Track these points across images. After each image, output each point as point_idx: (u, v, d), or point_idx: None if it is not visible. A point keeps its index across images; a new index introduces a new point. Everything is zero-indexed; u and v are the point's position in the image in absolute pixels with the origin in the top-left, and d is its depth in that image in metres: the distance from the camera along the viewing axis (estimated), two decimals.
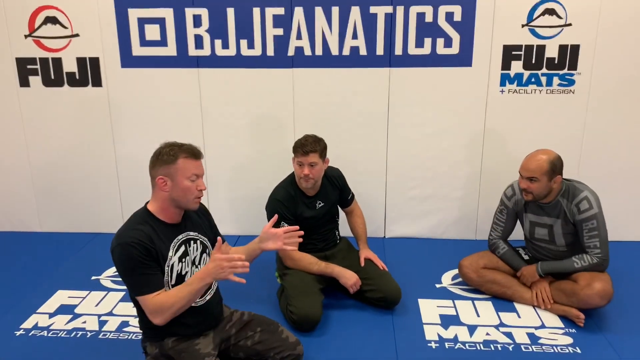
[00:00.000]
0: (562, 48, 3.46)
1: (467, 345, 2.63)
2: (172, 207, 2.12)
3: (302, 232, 2.28)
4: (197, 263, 2.21)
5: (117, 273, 3.29)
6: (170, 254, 2.10)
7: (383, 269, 3.01)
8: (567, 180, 2.89)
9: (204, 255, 2.25)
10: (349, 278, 2.86)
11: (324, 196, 3.05)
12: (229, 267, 1.94)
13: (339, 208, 3.24)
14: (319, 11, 3.47)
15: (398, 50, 3.52)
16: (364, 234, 3.19)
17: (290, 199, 2.96)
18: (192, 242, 2.20)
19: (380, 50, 3.53)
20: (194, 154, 2.12)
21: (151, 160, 2.11)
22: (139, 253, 1.99)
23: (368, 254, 3.10)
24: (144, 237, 2.02)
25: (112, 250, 2.03)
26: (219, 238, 2.03)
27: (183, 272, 2.13)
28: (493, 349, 2.60)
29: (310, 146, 2.82)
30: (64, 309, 2.97)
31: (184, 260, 2.14)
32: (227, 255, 1.98)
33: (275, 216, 2.32)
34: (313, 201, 3.01)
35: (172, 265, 2.09)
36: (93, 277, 3.34)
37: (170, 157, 2.07)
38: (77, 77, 3.69)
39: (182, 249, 2.15)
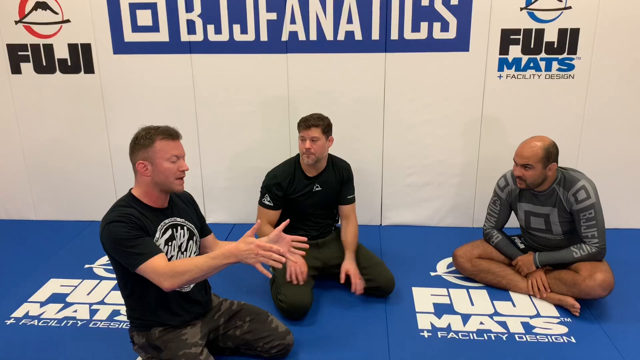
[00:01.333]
0: (562, 32, 3.39)
1: (460, 334, 2.60)
2: (156, 191, 2.10)
3: (307, 246, 2.15)
4: (183, 249, 2.18)
5: (109, 262, 3.33)
6: (157, 235, 2.07)
7: (354, 290, 2.83)
8: (563, 169, 2.83)
9: (191, 242, 2.22)
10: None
11: (323, 181, 3.00)
12: (262, 256, 1.87)
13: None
14: None
15: (394, 35, 3.45)
16: (352, 244, 2.98)
17: (287, 175, 2.96)
18: (179, 227, 2.18)
19: (375, 35, 3.46)
20: (170, 134, 2.08)
21: (130, 146, 2.09)
22: (129, 226, 1.96)
23: (350, 268, 2.86)
24: (131, 214, 2.00)
25: (100, 234, 2.01)
26: (258, 220, 2.06)
27: (169, 256, 2.10)
28: (486, 338, 2.57)
29: (313, 121, 2.83)
30: (56, 298, 2.96)
31: (170, 244, 2.12)
32: (265, 243, 1.90)
33: (287, 221, 2.18)
34: (311, 183, 2.98)
35: (159, 246, 2.06)
36: (86, 266, 3.32)
37: (147, 140, 2.04)
38: (69, 63, 3.65)
39: (169, 232, 2.13)
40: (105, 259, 3.37)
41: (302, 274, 2.70)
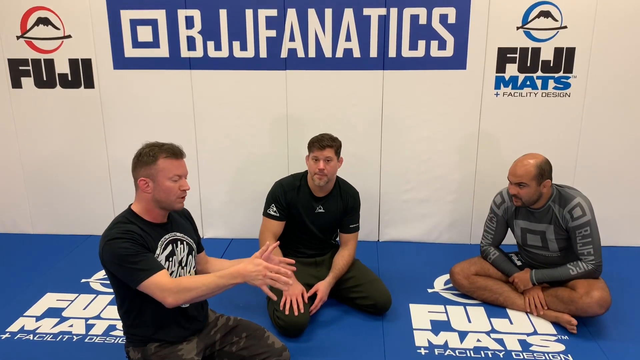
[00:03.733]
0: (558, 51, 3.43)
1: (457, 351, 2.60)
2: (156, 208, 2.10)
3: (294, 269, 2.15)
4: (183, 264, 2.18)
5: (106, 276, 3.32)
6: (158, 251, 2.07)
7: (312, 310, 2.78)
8: (559, 186, 2.85)
9: (190, 257, 2.23)
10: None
11: (328, 204, 2.99)
12: (269, 277, 1.86)
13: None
14: (312, 13, 3.44)
15: (392, 53, 3.49)
16: (339, 269, 2.92)
17: (294, 188, 2.96)
18: (178, 242, 2.18)
19: (373, 52, 3.50)
20: (174, 153, 2.08)
21: (132, 161, 2.09)
22: (131, 242, 1.96)
23: (321, 289, 2.83)
24: (132, 230, 1.99)
25: (100, 251, 2.00)
26: (267, 243, 1.99)
27: (170, 271, 2.10)
28: (483, 355, 2.57)
29: (327, 141, 2.84)
30: (52, 312, 2.94)
31: (170, 259, 2.12)
32: (274, 265, 1.89)
33: (277, 242, 2.24)
34: (315, 203, 2.98)
35: (160, 262, 2.06)
36: (83, 280, 3.32)
37: (150, 157, 2.04)
38: (70, 78, 3.68)
39: (169, 248, 2.13)
40: (102, 274, 3.36)
41: (301, 303, 2.67)
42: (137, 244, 1.97)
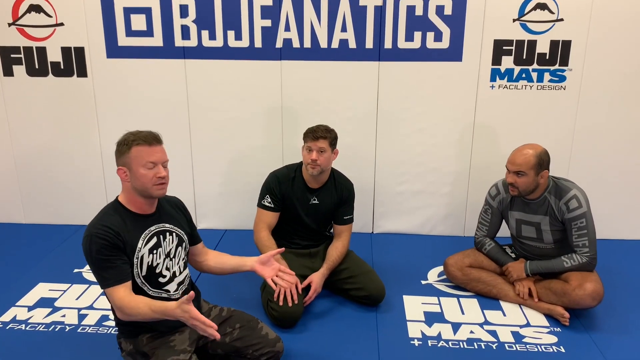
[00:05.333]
0: (554, 43, 3.42)
1: (450, 343, 2.60)
2: (138, 197, 2.09)
3: (293, 280, 2.32)
4: (172, 256, 2.17)
5: None
6: (139, 245, 2.06)
7: (305, 301, 2.78)
8: (555, 178, 2.85)
9: (180, 248, 2.21)
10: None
11: (322, 196, 2.98)
12: (195, 326, 1.84)
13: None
14: (307, 3, 3.42)
15: (388, 44, 3.47)
16: (333, 261, 2.92)
17: (288, 179, 2.95)
18: (167, 233, 2.16)
19: (369, 43, 3.48)
20: (147, 140, 2.05)
21: (114, 152, 2.09)
22: (105, 244, 1.96)
23: (315, 280, 2.82)
24: (112, 228, 1.99)
25: (83, 240, 2.01)
26: (191, 292, 1.83)
27: (154, 264, 2.09)
28: (476, 347, 2.57)
29: (321, 132, 2.82)
30: (44, 302, 2.93)
31: (155, 252, 2.10)
32: (202, 318, 1.83)
33: (282, 249, 2.36)
34: (309, 194, 2.97)
35: (142, 256, 2.06)
36: (75, 270, 3.30)
37: (125, 146, 2.04)
38: (62, 67, 3.64)
39: (154, 240, 2.11)
40: None
41: (295, 294, 2.65)
42: (111, 247, 1.97)
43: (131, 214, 2.08)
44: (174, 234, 2.19)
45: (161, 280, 2.13)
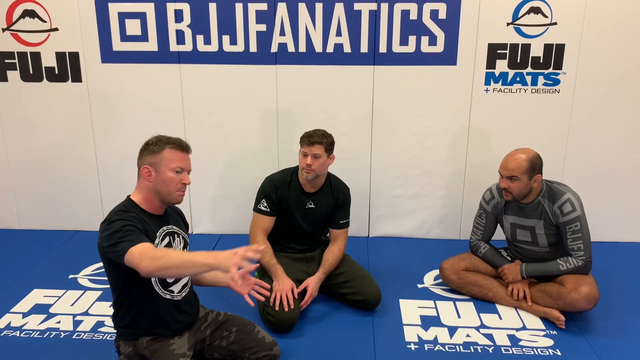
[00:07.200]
0: (548, 47, 3.44)
1: (446, 347, 2.60)
2: (156, 199, 2.11)
3: (268, 293, 2.29)
4: None
5: (94, 272, 3.29)
6: (157, 240, 2.08)
7: (302, 306, 2.78)
8: (548, 182, 2.86)
9: (185, 251, 2.24)
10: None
11: (318, 200, 2.98)
12: (238, 258, 1.73)
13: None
14: (302, 7, 3.42)
15: (382, 48, 3.48)
16: (329, 265, 2.91)
17: (284, 183, 2.95)
18: (175, 235, 2.20)
19: (364, 47, 3.49)
20: (180, 146, 2.12)
21: (140, 150, 2.12)
22: (130, 222, 1.95)
23: (311, 285, 2.82)
24: (133, 217, 2.00)
25: (99, 237, 1.97)
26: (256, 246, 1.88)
27: None
28: (473, 350, 2.58)
29: (316, 137, 2.81)
30: (39, 309, 2.91)
31: None
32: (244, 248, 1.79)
33: (257, 265, 2.17)
34: (305, 198, 2.96)
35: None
36: (70, 276, 3.28)
37: (157, 146, 2.08)
38: (57, 72, 3.63)
39: (167, 239, 2.14)
40: (90, 270, 3.33)
41: (291, 299, 2.67)
42: (134, 224, 1.96)
43: (145, 212, 2.10)
44: (180, 236, 2.23)
45: (169, 280, 2.14)
